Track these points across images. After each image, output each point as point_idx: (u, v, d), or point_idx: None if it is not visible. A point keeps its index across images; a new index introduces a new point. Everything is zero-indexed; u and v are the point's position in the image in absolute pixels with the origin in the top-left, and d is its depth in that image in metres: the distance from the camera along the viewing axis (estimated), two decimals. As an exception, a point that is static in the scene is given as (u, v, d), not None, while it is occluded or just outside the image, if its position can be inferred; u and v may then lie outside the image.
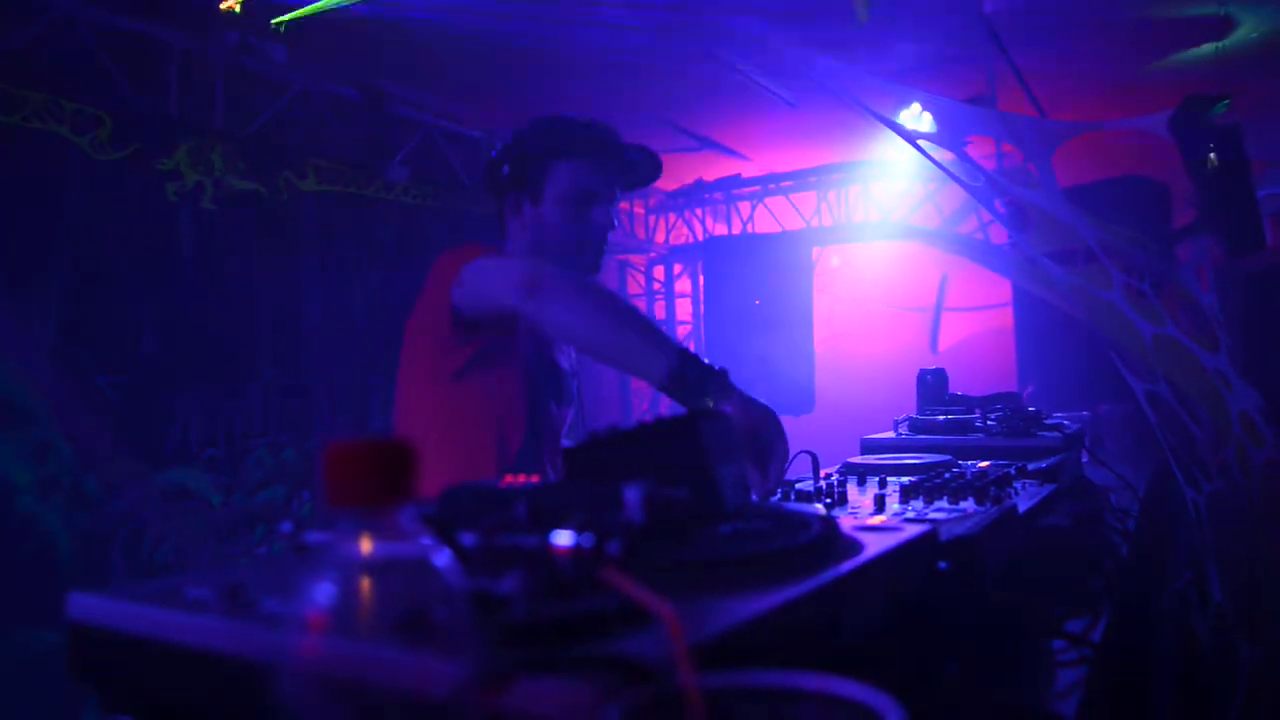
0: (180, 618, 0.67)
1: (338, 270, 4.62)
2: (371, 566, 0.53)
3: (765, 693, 0.48)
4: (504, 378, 1.93)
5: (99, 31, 3.89)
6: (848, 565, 0.77)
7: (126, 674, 0.72)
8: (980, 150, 5.45)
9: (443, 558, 0.54)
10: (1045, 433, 2.20)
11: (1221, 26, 4.64)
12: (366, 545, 0.54)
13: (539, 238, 2.02)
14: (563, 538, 0.60)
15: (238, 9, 4.13)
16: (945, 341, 7.27)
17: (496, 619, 0.56)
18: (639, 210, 7.69)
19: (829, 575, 0.74)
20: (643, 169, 2.14)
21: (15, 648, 3.18)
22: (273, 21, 4.25)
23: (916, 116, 5.26)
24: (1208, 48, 4.83)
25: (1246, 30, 4.67)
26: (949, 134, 4.22)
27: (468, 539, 0.64)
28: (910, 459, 1.77)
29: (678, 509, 0.78)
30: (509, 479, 0.81)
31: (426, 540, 0.54)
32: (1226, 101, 4.28)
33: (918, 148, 3.92)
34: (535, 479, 0.82)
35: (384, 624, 0.53)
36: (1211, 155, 4.18)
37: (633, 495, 0.75)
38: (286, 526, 0.70)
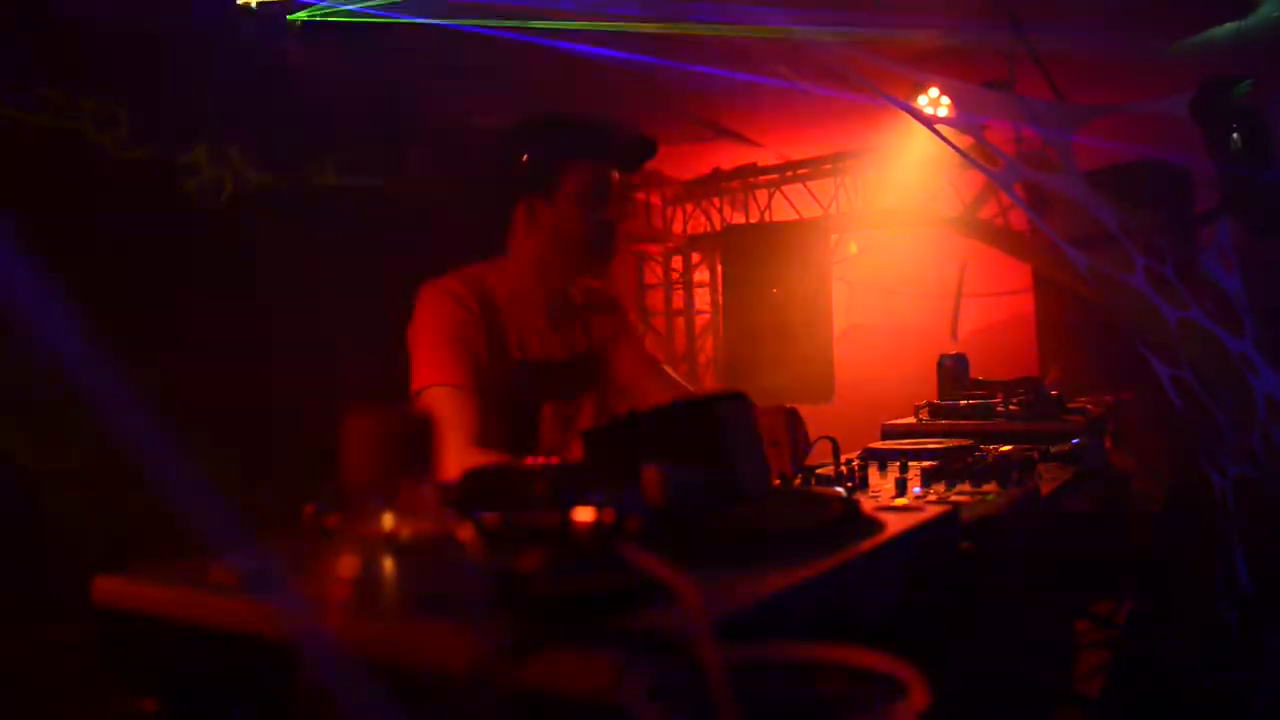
0: (205, 599, 0.68)
1: (358, 264, 4.63)
2: (394, 544, 0.54)
3: (789, 664, 0.48)
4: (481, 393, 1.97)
5: (116, 29, 3.91)
6: (870, 542, 0.77)
7: (152, 656, 0.73)
8: (999, 135, 5.41)
9: (465, 534, 0.54)
10: (1068, 417, 2.19)
11: (1243, 5, 4.58)
12: (388, 522, 0.54)
13: (554, 237, 2.07)
14: (583, 514, 0.60)
15: (254, 4, 4.15)
16: (965, 328, 7.22)
17: (518, 594, 0.56)
18: (656, 201, 7.68)
19: (851, 552, 0.74)
20: (642, 155, 2.20)
21: (41, 638, 3.22)
22: (289, 17, 4.27)
23: (934, 101, 5.22)
24: (1229, 27, 4.77)
25: (1269, 9, 4.61)
26: (967, 118, 4.19)
27: (489, 516, 0.64)
28: (932, 443, 1.76)
29: (697, 489, 0.78)
30: (529, 460, 0.81)
31: (448, 517, 0.54)
32: (1249, 82, 4.22)
33: (936, 133, 3.90)
34: (555, 460, 0.82)
35: (407, 600, 0.54)
36: (1234, 136, 4.13)
37: (652, 475, 0.75)
38: (310, 507, 0.71)
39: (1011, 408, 2.23)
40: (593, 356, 2.20)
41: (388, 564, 0.55)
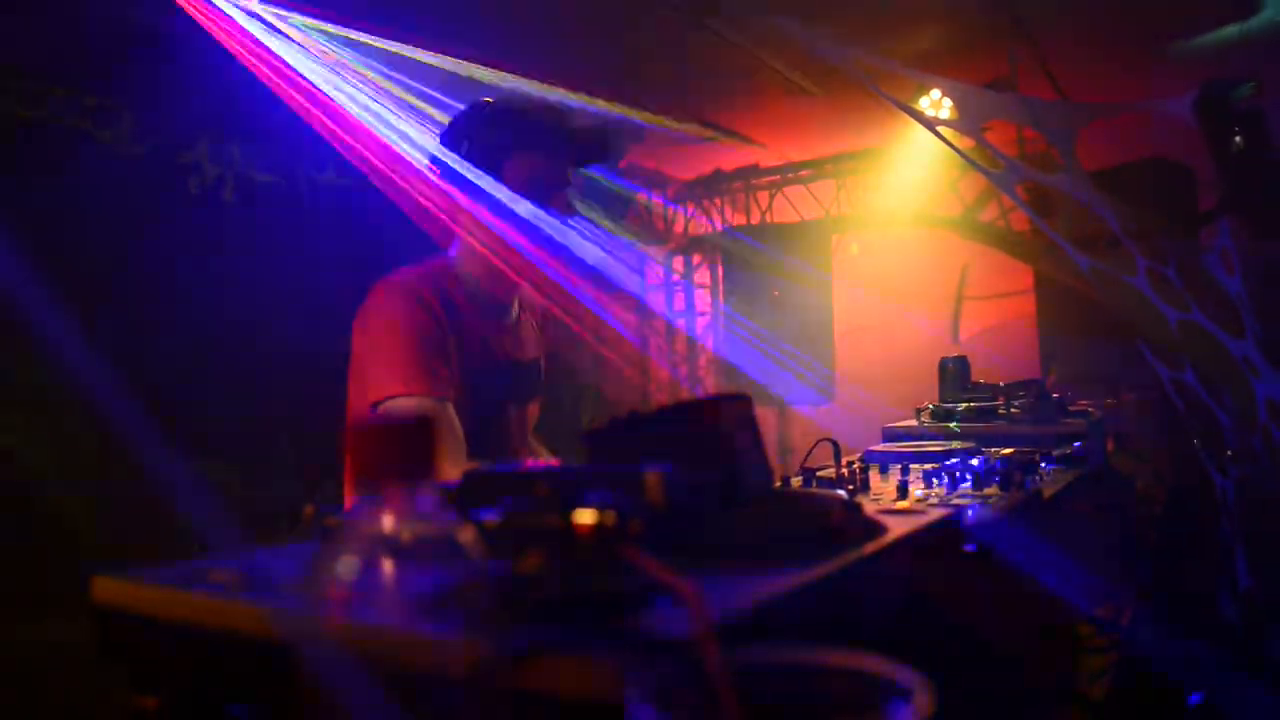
0: (205, 598, 0.68)
1: (359, 262, 4.62)
2: (394, 544, 0.53)
3: (792, 668, 0.48)
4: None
5: (118, 25, 3.91)
6: (872, 545, 0.77)
7: (152, 655, 0.73)
8: (1002, 136, 5.40)
9: (466, 536, 0.54)
10: (1069, 419, 2.18)
11: (1246, 7, 4.58)
12: (389, 523, 0.54)
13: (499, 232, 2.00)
14: (585, 516, 0.60)
15: (255, 3, 4.15)
16: (966, 330, 7.22)
17: (519, 596, 0.55)
18: (657, 201, 7.68)
19: (853, 555, 0.73)
20: (597, 149, 2.14)
21: (42, 637, 3.22)
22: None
23: (936, 103, 5.22)
24: (1232, 29, 4.76)
25: (1272, 11, 4.60)
26: (969, 119, 4.18)
27: (489, 518, 0.64)
28: (933, 445, 1.75)
29: (699, 491, 0.78)
30: (530, 461, 0.81)
31: (449, 518, 0.54)
32: (1252, 84, 4.21)
33: (937, 134, 3.89)
34: (555, 462, 0.82)
35: (407, 602, 0.53)
36: (1237, 138, 4.12)
37: (654, 477, 0.74)
38: (310, 508, 0.70)
39: (1013, 410, 2.22)
40: (538, 360, 2.19)
41: (388, 565, 0.55)
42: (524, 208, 1.97)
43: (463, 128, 2.03)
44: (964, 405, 2.29)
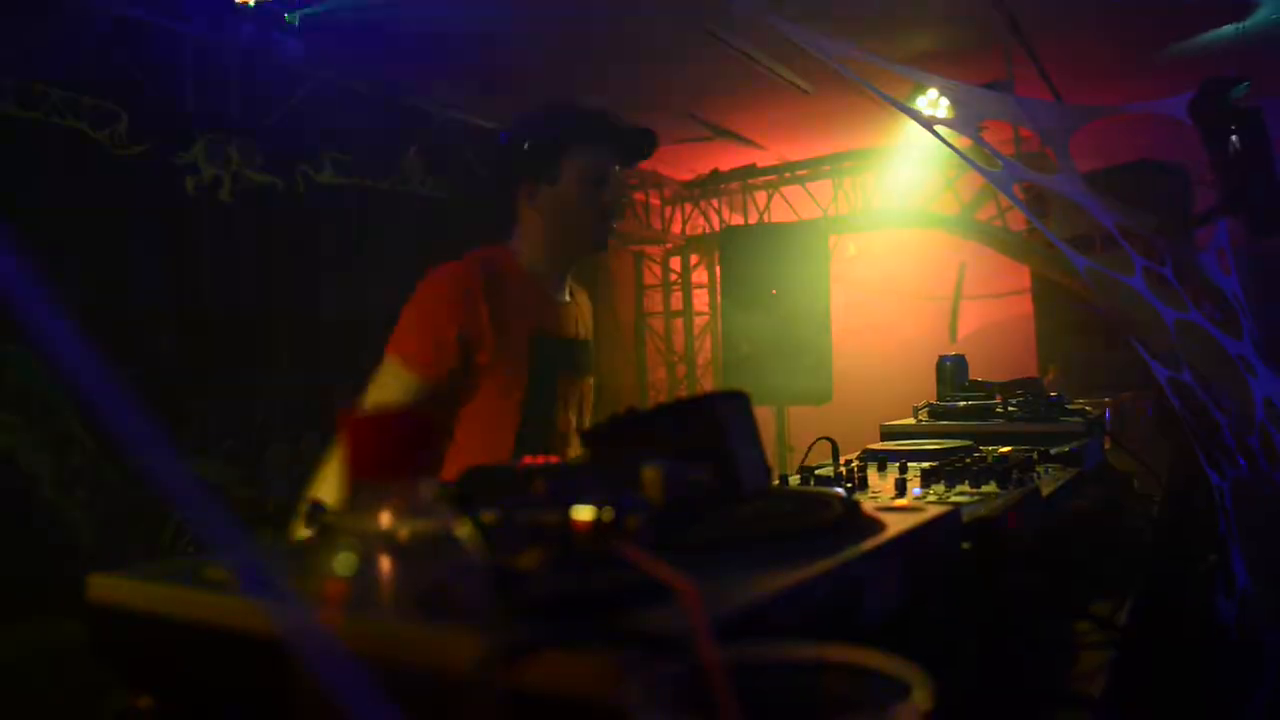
0: (199, 596, 0.67)
1: (356, 263, 4.63)
2: (391, 541, 0.53)
3: (789, 664, 0.48)
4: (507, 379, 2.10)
5: (116, 26, 3.91)
6: (871, 542, 0.76)
7: (147, 653, 0.72)
8: (998, 136, 5.42)
9: (463, 532, 0.53)
10: (1067, 418, 2.18)
11: (1242, 7, 4.59)
12: (386, 519, 0.53)
13: (556, 219, 2.19)
14: (583, 513, 0.60)
15: (252, 3, 4.14)
16: (964, 329, 7.23)
17: (517, 593, 0.55)
18: (655, 201, 7.68)
19: (850, 552, 0.73)
20: (642, 148, 2.33)
21: (39, 636, 3.21)
22: (286, 16, 4.27)
23: (933, 102, 5.23)
24: (1228, 29, 4.77)
25: (1268, 10, 4.61)
26: (966, 119, 4.18)
27: (488, 514, 0.64)
28: (931, 444, 1.75)
29: (697, 488, 0.77)
30: (528, 459, 0.81)
31: (447, 515, 0.54)
32: (1247, 84, 4.22)
33: (934, 133, 3.89)
34: (554, 459, 0.82)
35: (404, 599, 0.53)
36: (1233, 138, 4.13)
37: (652, 474, 0.74)
38: (307, 505, 0.70)
39: (1010, 409, 2.23)
40: (588, 341, 2.36)
41: (385, 562, 0.55)
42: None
43: (524, 125, 2.23)
44: (962, 404, 2.29)
